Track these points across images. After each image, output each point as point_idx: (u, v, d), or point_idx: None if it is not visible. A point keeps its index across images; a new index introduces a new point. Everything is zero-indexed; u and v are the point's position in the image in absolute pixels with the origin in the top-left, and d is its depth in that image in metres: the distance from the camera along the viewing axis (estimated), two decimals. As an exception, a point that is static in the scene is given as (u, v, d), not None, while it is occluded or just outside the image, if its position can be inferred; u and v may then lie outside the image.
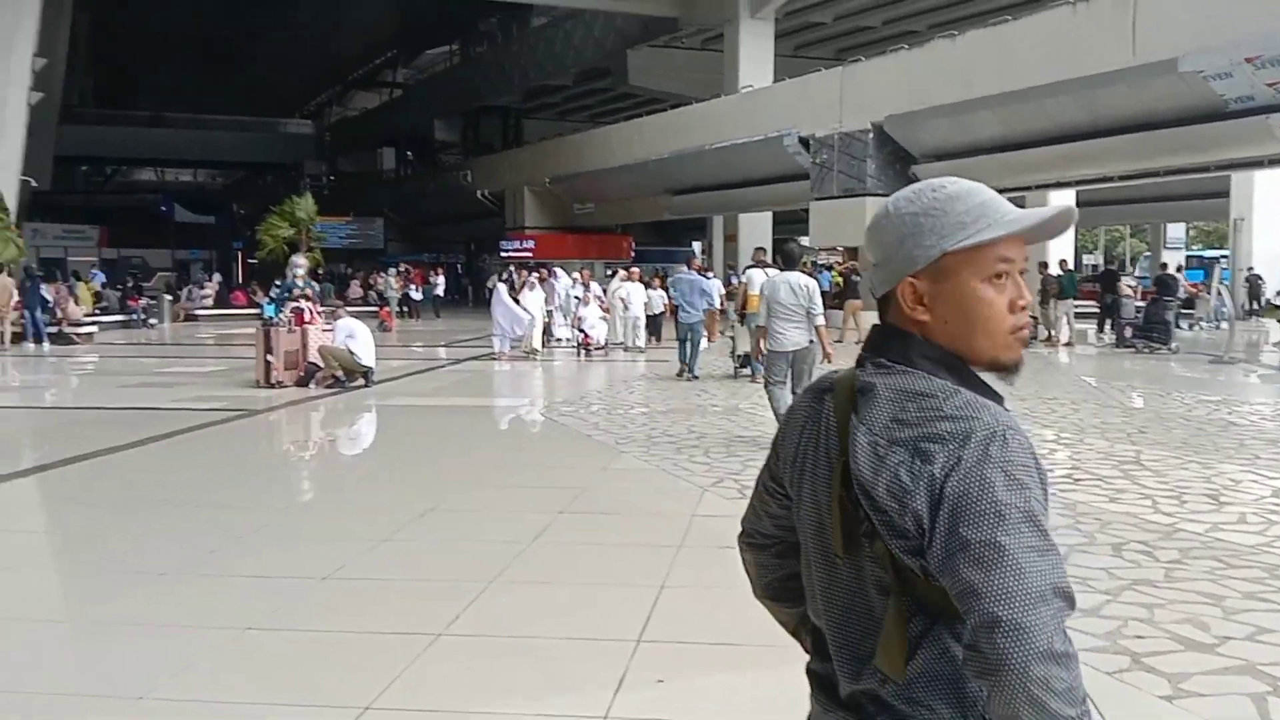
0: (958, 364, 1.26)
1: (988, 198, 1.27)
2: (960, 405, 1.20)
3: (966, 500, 1.14)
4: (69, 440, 8.95)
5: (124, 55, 58.25)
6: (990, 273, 1.25)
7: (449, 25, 48.56)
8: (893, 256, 1.28)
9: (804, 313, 7.91)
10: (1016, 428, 1.18)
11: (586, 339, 17.07)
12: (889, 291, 1.29)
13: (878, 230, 1.31)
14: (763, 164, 25.38)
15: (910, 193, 1.30)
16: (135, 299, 26.25)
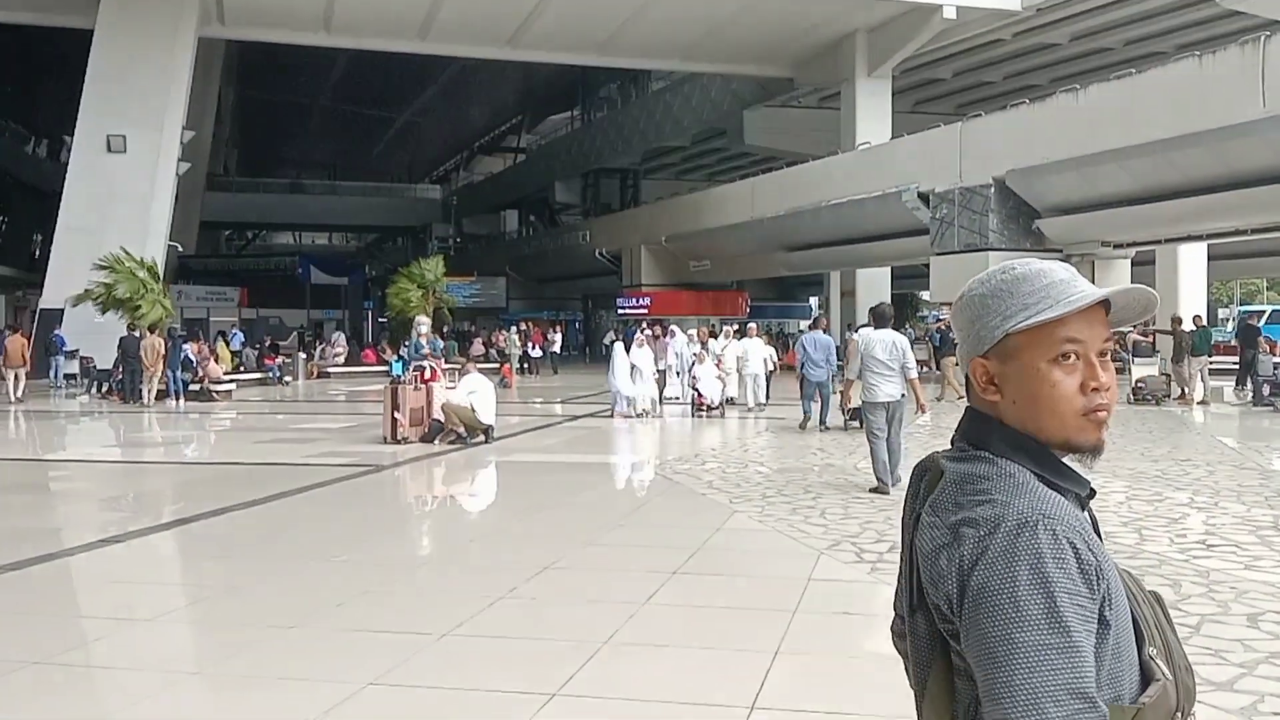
0: (1033, 446, 1.25)
1: (1058, 279, 1.27)
2: (1004, 490, 1.20)
3: (985, 592, 1.14)
4: (207, 495, 9.40)
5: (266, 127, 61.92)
6: (1055, 353, 1.25)
7: (570, 92, 50.11)
8: (967, 338, 1.31)
9: (899, 368, 8.74)
10: (1058, 516, 1.17)
11: (701, 398, 16.52)
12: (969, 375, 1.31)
13: (956, 313, 1.34)
14: (881, 219, 25.21)
15: (984, 274, 1.32)
16: (272, 357, 27.46)
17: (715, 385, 16.52)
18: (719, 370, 16.95)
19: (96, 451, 14.55)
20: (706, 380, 16.52)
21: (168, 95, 24.77)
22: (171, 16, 24.77)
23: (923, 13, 27.25)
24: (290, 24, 28.64)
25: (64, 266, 23.54)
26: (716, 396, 16.51)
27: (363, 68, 47.80)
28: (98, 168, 24.09)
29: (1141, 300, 1.30)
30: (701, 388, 16.50)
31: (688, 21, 28.57)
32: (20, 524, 8.23)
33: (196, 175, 34.20)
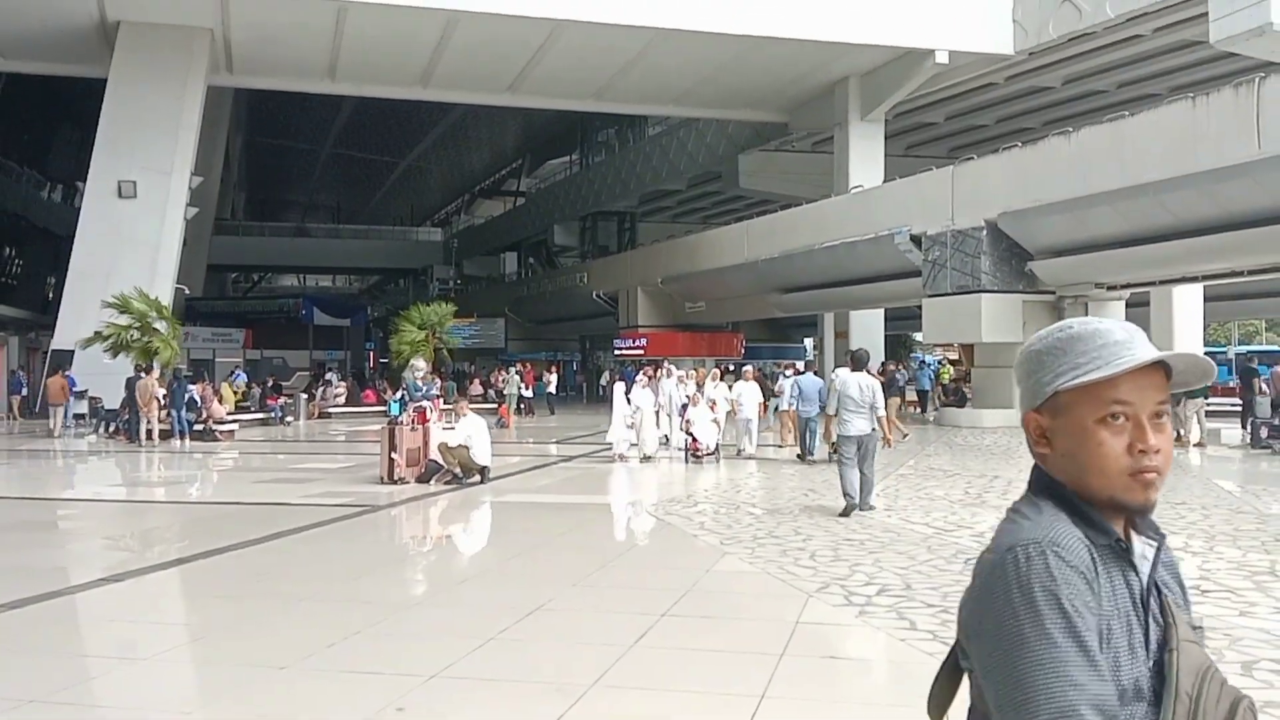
0: (1068, 497, 1.29)
1: (1113, 340, 1.29)
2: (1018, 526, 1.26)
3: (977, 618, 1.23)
4: (208, 534, 9.53)
5: (272, 172, 62.75)
6: (1103, 413, 1.27)
7: (569, 137, 50.79)
8: (1022, 392, 1.36)
9: (869, 406, 10.09)
10: (1060, 543, 1.22)
11: (695, 443, 15.75)
12: None
13: (1016, 366, 1.39)
14: (873, 262, 25.47)
15: (1044, 330, 1.36)
16: (274, 398, 27.63)
17: (710, 429, 15.82)
18: (713, 413, 16.25)
19: (101, 490, 14.72)
20: (701, 424, 15.82)
21: (177, 142, 25.20)
22: (182, 66, 25.26)
23: (915, 58, 27.68)
24: (296, 73, 29.16)
25: (75, 309, 23.85)
26: (711, 441, 15.80)
27: (366, 114, 48.54)
28: (109, 212, 24.46)
29: (1199, 367, 1.31)
30: (696, 431, 15.81)
31: (683, 69, 29.04)
32: (23, 561, 8.35)
33: (204, 219, 34.68)
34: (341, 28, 25.51)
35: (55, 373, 22.67)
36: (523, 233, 56.43)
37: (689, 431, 15.94)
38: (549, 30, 25.83)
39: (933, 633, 5.52)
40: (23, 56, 27.08)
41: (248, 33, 25.96)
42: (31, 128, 40.13)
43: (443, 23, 25.28)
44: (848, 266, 26.51)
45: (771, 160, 36.16)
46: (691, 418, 15.93)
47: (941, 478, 13.32)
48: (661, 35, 26.12)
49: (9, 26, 25.14)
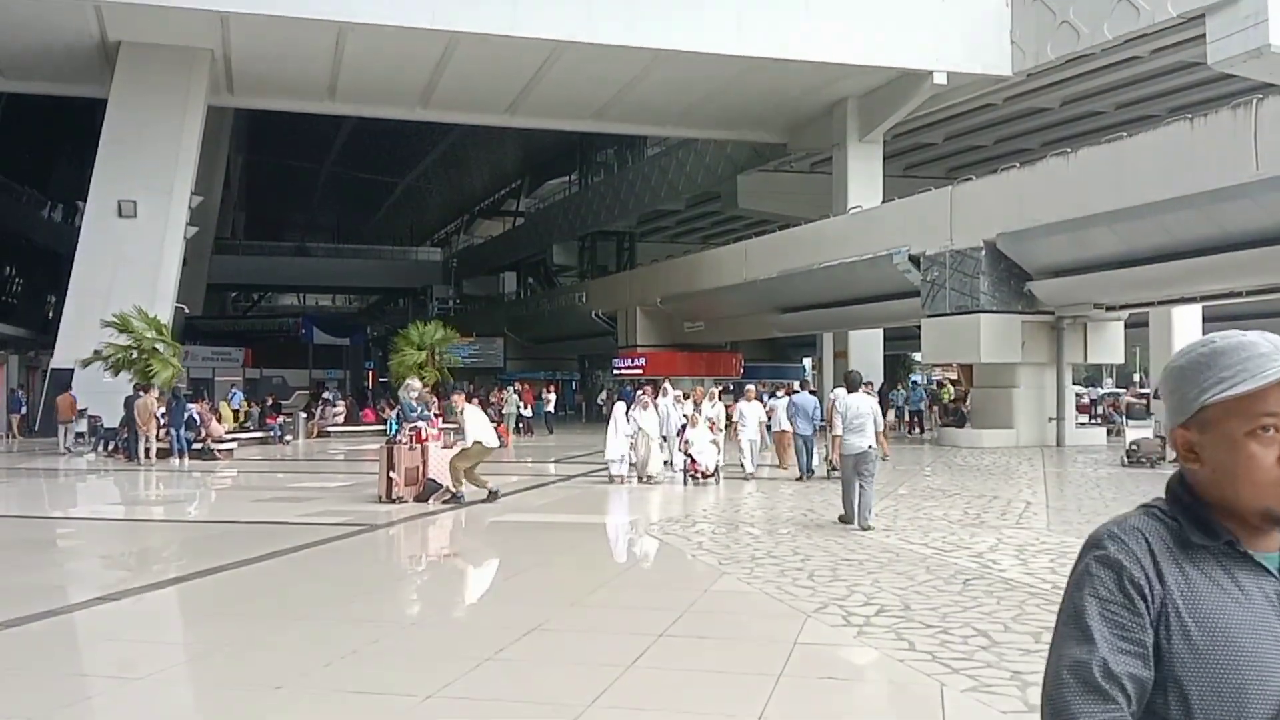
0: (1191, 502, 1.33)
1: (1258, 353, 1.29)
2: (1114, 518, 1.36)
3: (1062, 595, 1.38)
4: (206, 553, 9.50)
5: (272, 192, 62.96)
6: (1252, 426, 1.27)
7: (568, 157, 51.01)
8: (1168, 408, 1.37)
9: (868, 424, 10.56)
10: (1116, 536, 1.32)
11: (694, 465, 15.26)
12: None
13: (1160, 384, 1.41)
14: (872, 282, 25.52)
15: (1186, 347, 1.37)
16: (273, 416, 27.61)
17: (709, 450, 15.33)
18: (713, 434, 15.78)
19: (99, 509, 14.70)
20: (700, 445, 15.31)
21: (177, 162, 25.30)
22: (182, 86, 25.38)
23: (913, 79, 27.83)
24: (297, 93, 29.30)
25: (75, 327, 23.88)
26: (711, 462, 15.28)
27: (366, 134, 48.73)
28: (109, 232, 24.53)
29: None
30: (694, 452, 15.31)
31: (682, 90, 29.19)
32: (22, 580, 8.33)
33: (204, 238, 34.76)
34: (341, 48, 25.65)
35: (65, 390, 22.63)
36: (522, 252, 56.57)
37: (687, 453, 15.50)
38: (549, 52, 25.97)
39: (931, 653, 5.50)
40: (24, 77, 27.23)
41: (248, 53, 26.09)
42: (33, 147, 40.30)
43: (443, 44, 25.42)
44: (846, 287, 26.56)
45: (770, 180, 36.31)
46: (690, 438, 15.48)
47: (940, 498, 13.30)
48: (661, 56, 26.27)
49: (11, 47, 25.28)
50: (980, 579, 7.65)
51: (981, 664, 5.31)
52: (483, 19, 24.39)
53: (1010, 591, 7.18)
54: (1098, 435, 25.09)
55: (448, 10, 24.16)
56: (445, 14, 24.20)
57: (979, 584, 7.45)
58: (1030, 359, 22.97)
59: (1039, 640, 5.77)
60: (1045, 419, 23.53)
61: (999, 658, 5.42)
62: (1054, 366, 23.52)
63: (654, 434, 15.62)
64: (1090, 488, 14.86)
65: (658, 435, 15.79)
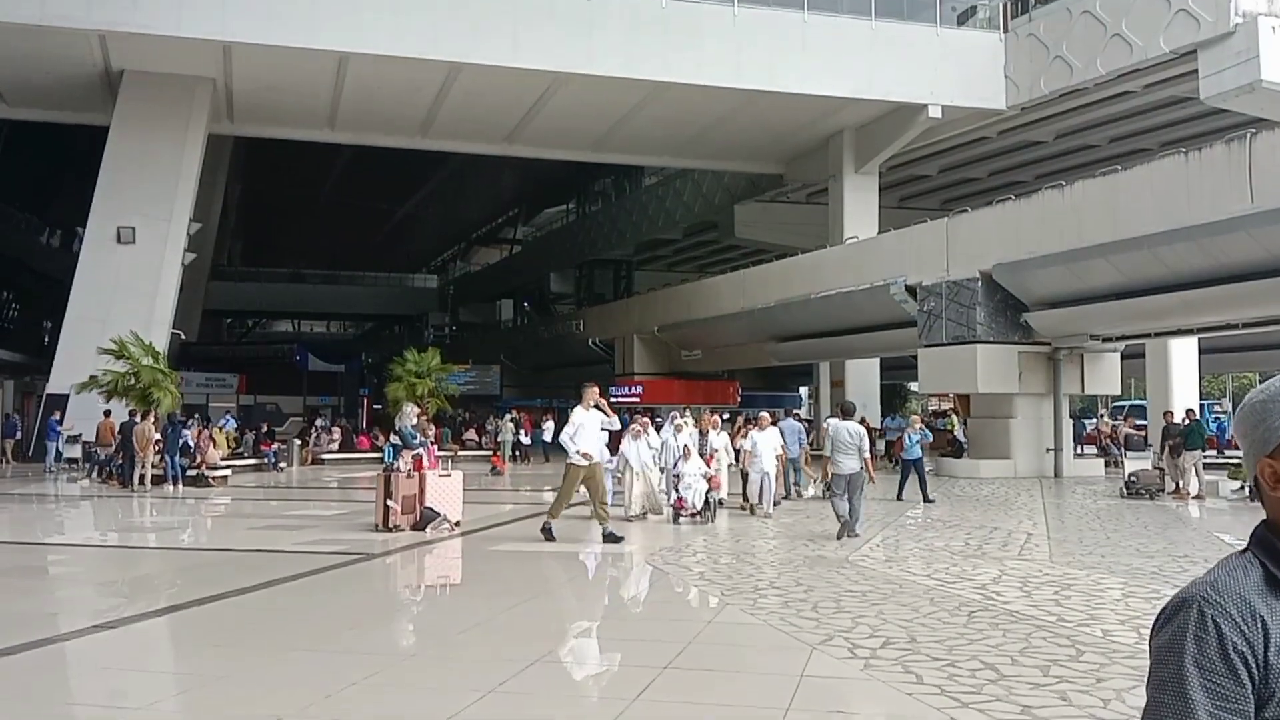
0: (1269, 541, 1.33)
1: None
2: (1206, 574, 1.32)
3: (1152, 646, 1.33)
4: (201, 581, 9.41)
5: (269, 219, 63.04)
6: None
7: (566, 186, 51.25)
8: (1250, 443, 1.38)
9: (856, 449, 11.78)
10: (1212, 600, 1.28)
11: (680, 502, 13.88)
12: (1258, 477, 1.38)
13: (1237, 421, 1.42)
14: (869, 312, 25.59)
15: (1264, 383, 1.40)
16: (268, 443, 27.50)
17: (700, 485, 13.84)
18: (710, 468, 14.38)
19: (94, 536, 14.57)
20: (690, 479, 13.86)
21: (176, 189, 25.35)
22: (183, 114, 25.48)
23: (908, 113, 28.04)
24: (296, 121, 29.41)
25: (71, 353, 23.81)
26: (698, 501, 13.79)
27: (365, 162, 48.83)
28: (107, 258, 24.53)
29: None
30: (682, 488, 13.89)
31: (679, 122, 29.37)
32: (13, 608, 8.22)
33: (201, 265, 34.77)
34: (342, 78, 25.78)
35: (107, 416, 21.57)
36: (519, 280, 56.68)
37: (676, 488, 14.17)
38: (549, 83, 26.14)
39: (939, 687, 5.45)
40: (27, 104, 27.32)
41: (249, 82, 26.22)
42: (33, 174, 40.40)
43: (443, 74, 25.57)
44: (843, 316, 26.62)
45: (767, 211, 36.48)
46: (681, 472, 14.04)
47: (941, 529, 13.25)
48: (659, 89, 26.46)
49: (14, 74, 25.38)
50: (985, 611, 7.60)
51: (990, 698, 5.26)
52: (484, 50, 24.54)
53: (1016, 624, 7.13)
54: (1096, 466, 25.07)
55: (450, 41, 24.33)
56: (447, 44, 24.36)
57: (984, 616, 7.41)
58: (1027, 389, 22.98)
59: (1047, 673, 5.73)
60: (1043, 450, 23.52)
61: (1008, 691, 5.37)
62: (1051, 397, 23.53)
63: (639, 466, 14.21)
64: (1091, 519, 14.82)
65: (645, 468, 14.30)
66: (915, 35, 27.74)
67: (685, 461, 14.11)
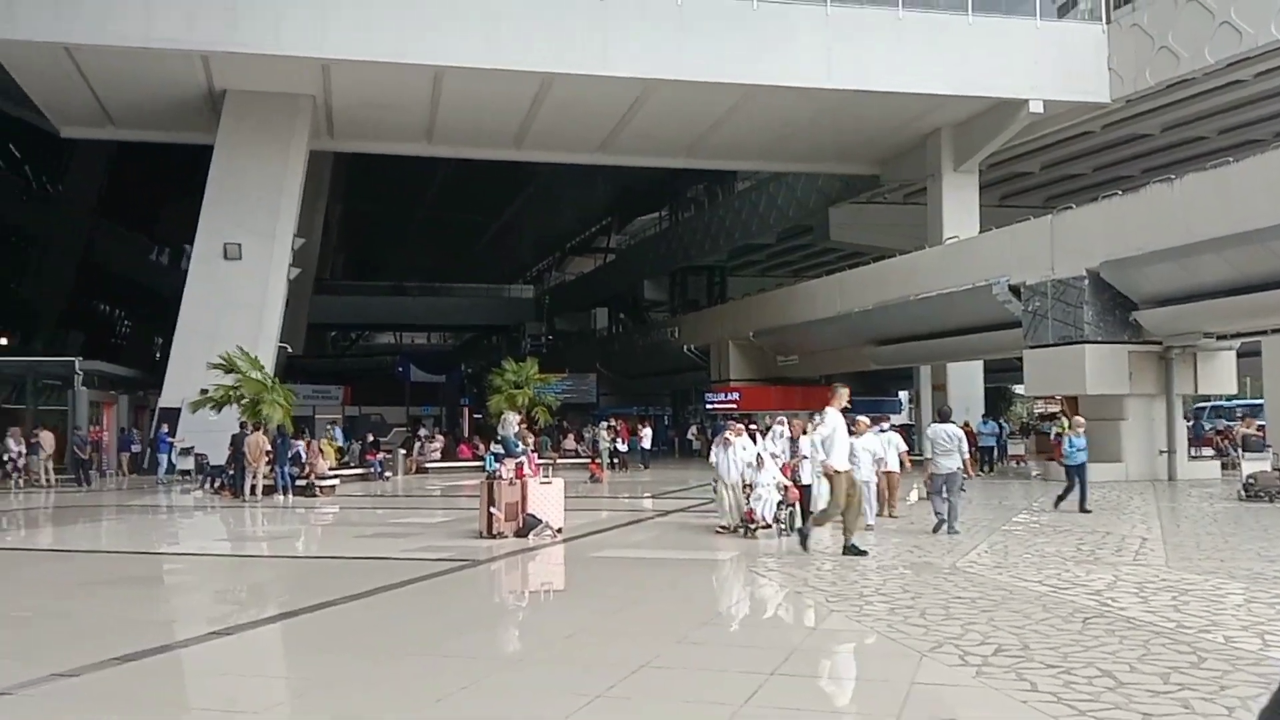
0: None
1: None
2: None
3: None
4: (312, 589, 9.67)
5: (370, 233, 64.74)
6: None
7: (658, 194, 51.38)
8: None
9: (955, 450, 12.84)
10: None
11: (750, 514, 13.00)
12: None
13: None
14: (971, 313, 25.02)
15: None
16: (373, 453, 28.16)
17: (772, 496, 13.00)
18: (784, 477, 13.43)
19: (208, 545, 15.09)
20: (764, 488, 13.03)
21: (280, 205, 26.17)
22: (285, 132, 26.33)
23: (1008, 108, 27.38)
24: (395, 136, 30.15)
25: (182, 368, 24.73)
26: (768, 512, 12.93)
27: (461, 175, 49.83)
28: (215, 274, 25.45)
29: None
30: (753, 499, 13.05)
31: (773, 124, 29.18)
32: (132, 615, 8.57)
33: (305, 280, 35.81)
34: (438, 92, 26.32)
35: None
36: (613, 288, 57.02)
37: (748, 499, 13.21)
38: (640, 90, 26.26)
39: (1055, 694, 5.29)
40: (134, 125, 28.55)
41: (348, 99, 26.96)
42: (141, 193, 42.15)
43: (537, 84, 25.91)
44: (944, 318, 26.08)
45: (863, 212, 36.01)
46: (754, 482, 13.15)
47: (1051, 533, 12.86)
48: (752, 92, 26.35)
49: (122, 97, 26.52)
50: (1100, 617, 7.35)
51: (1109, 705, 5.09)
52: (576, 59, 24.83)
53: (1133, 630, 6.88)
54: (1211, 469, 24.05)
55: (542, 52, 24.67)
56: (539, 55, 24.72)
57: (1099, 622, 7.16)
58: (1138, 390, 22.17)
59: (1167, 681, 5.52)
60: (1155, 452, 22.66)
61: (1127, 699, 5.18)
62: (1163, 398, 22.67)
63: (727, 477, 13.49)
64: (1208, 523, 14.21)
65: (733, 478, 13.49)
66: (1014, 29, 27.11)
67: (759, 470, 13.16)
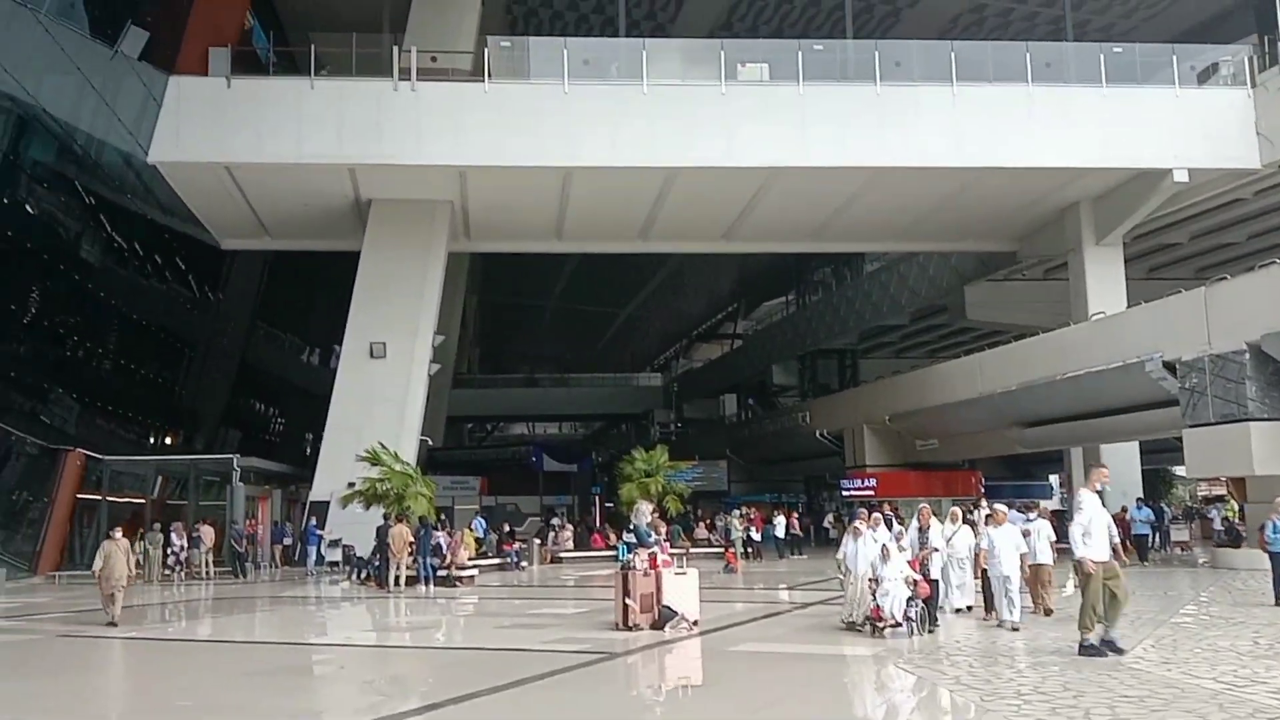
0: None
1: None
2: None
3: None
4: (454, 680, 9.74)
5: (503, 327, 66.79)
6: None
7: (785, 278, 51.42)
8: None
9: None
10: None
11: (877, 611, 11.96)
12: None
13: None
14: (1123, 391, 23.89)
15: None
16: (509, 543, 28.47)
17: (900, 592, 11.91)
18: (913, 571, 12.44)
19: (355, 636, 15.44)
20: (891, 583, 11.96)
21: (421, 305, 27.24)
22: (426, 236, 27.53)
23: (1150, 178, 26.48)
24: (526, 235, 31.18)
25: (331, 462, 25.64)
26: (897, 609, 11.83)
27: (589, 268, 51.08)
28: (362, 372, 26.50)
29: None
30: (880, 594, 11.99)
31: (902, 204, 28.91)
32: (283, 705, 8.80)
33: (444, 375, 36.96)
34: (567, 191, 27.15)
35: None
36: (741, 374, 56.87)
37: (874, 592, 12.16)
38: (764, 178, 26.48)
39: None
40: (288, 235, 30.33)
41: (483, 202, 28.05)
42: (294, 298, 44.58)
43: (661, 179, 26.44)
44: (1095, 397, 24.97)
45: (1000, 290, 35.14)
46: (883, 574, 12.05)
47: (1224, 626, 11.96)
48: (879, 173, 26.24)
49: (277, 210, 28.27)
50: (1289, 721, 6.74)
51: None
52: (699, 153, 25.27)
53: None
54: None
55: (666, 147, 25.22)
56: (664, 151, 25.26)
57: (1288, 727, 6.56)
58: (1314, 470, 20.62)
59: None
60: (1338, 537, 20.89)
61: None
62: (1344, 478, 20.99)
63: (857, 569, 12.60)
64: None
65: (860, 570, 12.57)
66: (1151, 98, 26.39)
67: (886, 564, 12.09)
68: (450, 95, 25.29)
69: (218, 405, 40.03)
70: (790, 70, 25.76)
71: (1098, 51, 27.23)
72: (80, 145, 27.35)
